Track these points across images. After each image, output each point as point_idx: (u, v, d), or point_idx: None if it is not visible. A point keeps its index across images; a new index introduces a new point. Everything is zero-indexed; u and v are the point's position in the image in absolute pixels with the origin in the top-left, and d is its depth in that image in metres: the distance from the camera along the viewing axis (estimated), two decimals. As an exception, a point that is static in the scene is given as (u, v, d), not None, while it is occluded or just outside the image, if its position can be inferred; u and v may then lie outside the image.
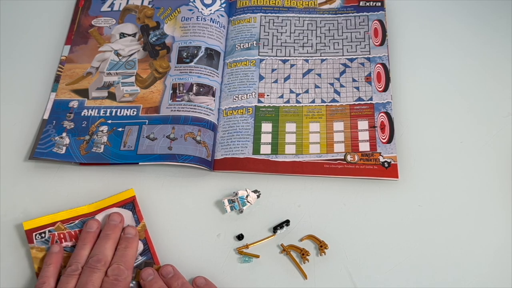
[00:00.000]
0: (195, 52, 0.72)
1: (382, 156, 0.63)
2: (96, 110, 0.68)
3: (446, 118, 0.68)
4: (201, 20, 0.75)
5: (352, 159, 0.64)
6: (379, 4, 0.75)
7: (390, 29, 0.74)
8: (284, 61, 0.72)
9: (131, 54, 0.73)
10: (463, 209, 0.61)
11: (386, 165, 0.63)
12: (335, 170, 0.63)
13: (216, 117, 0.68)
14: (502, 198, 0.62)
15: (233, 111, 0.68)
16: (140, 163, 0.64)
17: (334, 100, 0.68)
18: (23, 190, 0.64)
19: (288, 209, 0.61)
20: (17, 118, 0.69)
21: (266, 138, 0.66)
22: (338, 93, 0.69)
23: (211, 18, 0.75)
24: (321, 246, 0.58)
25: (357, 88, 0.69)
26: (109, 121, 0.67)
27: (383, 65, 0.70)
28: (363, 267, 0.57)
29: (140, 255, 0.58)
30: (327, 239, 0.59)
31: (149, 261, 0.58)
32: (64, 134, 0.66)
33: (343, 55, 0.72)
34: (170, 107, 0.68)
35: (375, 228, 0.60)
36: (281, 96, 0.69)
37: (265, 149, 0.65)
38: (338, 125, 0.66)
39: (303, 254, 0.58)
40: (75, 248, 0.57)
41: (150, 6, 0.77)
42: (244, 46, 0.73)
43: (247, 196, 0.61)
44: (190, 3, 0.77)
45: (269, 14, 0.76)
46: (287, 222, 0.60)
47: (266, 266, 0.58)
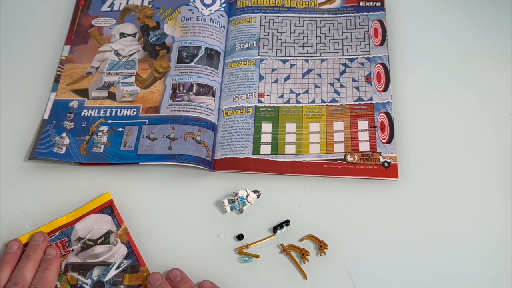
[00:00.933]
0: (195, 52, 0.72)
1: (382, 156, 0.63)
2: (96, 110, 0.68)
3: (446, 118, 0.68)
4: (201, 20, 0.75)
5: (352, 159, 0.64)
6: (379, 4, 0.75)
7: (390, 29, 0.74)
8: (284, 61, 0.72)
9: (131, 54, 0.73)
10: (463, 209, 0.61)
11: (386, 165, 0.63)
12: (335, 170, 0.63)
13: (216, 117, 0.68)
14: (502, 197, 0.62)
15: (233, 111, 0.68)
16: (140, 163, 0.64)
17: (334, 100, 0.68)
18: (23, 190, 0.64)
19: (288, 209, 0.61)
20: (17, 118, 0.69)
21: (266, 138, 0.66)
22: (338, 93, 0.69)
23: (211, 18, 0.75)
24: (321, 246, 0.58)
25: (357, 88, 0.69)
26: (109, 121, 0.67)
27: (383, 65, 0.70)
28: (363, 267, 0.57)
29: (125, 258, 0.58)
30: (327, 239, 0.59)
31: (134, 263, 0.57)
32: (64, 134, 0.66)
33: (343, 55, 0.72)
34: (170, 107, 0.68)
35: (375, 228, 0.60)
36: (281, 96, 0.69)
37: (265, 149, 0.65)
38: (338, 125, 0.66)
39: (303, 254, 0.58)
40: None
41: (150, 6, 0.77)
42: (244, 46, 0.73)
43: (247, 196, 0.61)
44: (190, 3, 0.77)
45: (269, 14, 0.76)
46: (287, 222, 0.60)
47: (266, 266, 0.58)
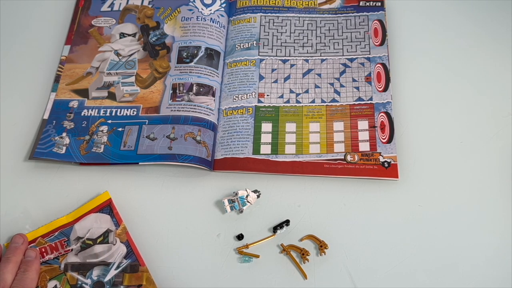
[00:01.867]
0: (195, 52, 0.72)
1: (382, 156, 0.63)
2: (96, 110, 0.68)
3: (446, 118, 0.68)
4: (201, 20, 0.75)
5: (352, 159, 0.64)
6: (379, 4, 0.75)
7: (390, 29, 0.74)
8: (284, 61, 0.72)
9: (131, 54, 0.73)
10: (463, 209, 0.61)
11: (386, 165, 0.63)
12: (335, 170, 0.63)
13: (216, 117, 0.68)
14: (502, 197, 0.62)
15: (233, 111, 0.68)
16: (140, 163, 0.64)
17: (334, 100, 0.68)
18: (23, 190, 0.64)
19: (288, 209, 0.61)
20: (17, 118, 0.69)
21: (266, 138, 0.66)
22: (338, 93, 0.69)
23: (211, 18, 0.75)
24: (321, 246, 0.58)
25: (357, 88, 0.69)
26: (109, 121, 0.67)
27: (383, 65, 0.70)
28: (363, 267, 0.57)
29: (125, 258, 0.58)
30: (327, 239, 0.59)
31: (134, 263, 0.57)
32: (64, 134, 0.66)
33: (343, 55, 0.72)
34: (170, 107, 0.68)
35: (375, 228, 0.60)
36: (281, 96, 0.69)
37: (265, 149, 0.65)
38: (338, 125, 0.66)
39: (303, 254, 0.58)
40: None
41: (150, 6, 0.77)
42: (244, 46, 0.73)
43: (247, 196, 0.61)
44: (190, 3, 0.77)
45: (269, 14, 0.76)
46: (287, 222, 0.60)
47: (266, 266, 0.58)
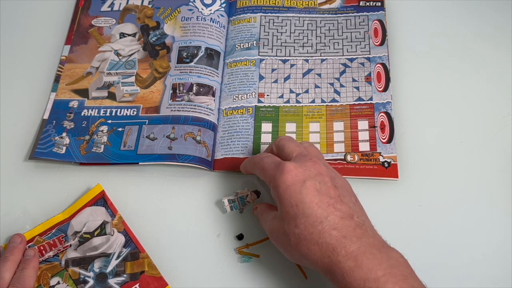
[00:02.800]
0: (195, 52, 0.72)
1: (382, 156, 0.63)
2: (96, 110, 0.68)
3: (446, 118, 0.68)
4: (201, 20, 0.75)
5: (352, 159, 0.64)
6: (379, 4, 0.75)
7: (390, 29, 0.74)
8: (284, 61, 0.72)
9: (131, 54, 0.73)
10: (463, 209, 0.61)
11: (386, 165, 0.63)
12: (335, 170, 0.63)
13: (216, 117, 0.68)
14: (502, 198, 0.62)
15: (233, 111, 0.68)
16: (140, 163, 0.64)
17: (334, 100, 0.68)
18: (23, 190, 0.64)
19: (288, 209, 0.61)
20: (17, 118, 0.69)
21: (266, 138, 0.66)
22: (338, 93, 0.69)
23: (211, 18, 0.75)
24: (321, 246, 0.58)
25: (357, 88, 0.69)
26: (109, 121, 0.67)
27: (383, 65, 0.70)
28: (363, 267, 0.57)
29: (124, 247, 0.58)
30: (327, 239, 0.59)
31: (134, 251, 0.58)
32: (64, 134, 0.66)
33: (343, 55, 0.72)
34: (170, 107, 0.68)
35: (375, 227, 0.60)
36: (281, 96, 0.69)
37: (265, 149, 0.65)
38: (338, 125, 0.66)
39: (303, 254, 0.58)
40: None
41: (150, 6, 0.77)
42: (244, 46, 0.73)
43: (247, 196, 0.61)
44: (190, 3, 0.77)
45: (269, 14, 0.76)
46: (287, 222, 0.60)
47: (266, 266, 0.58)
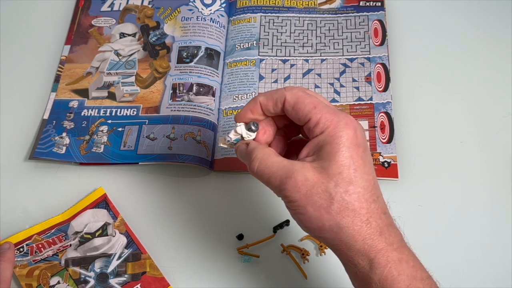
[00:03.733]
0: (195, 52, 0.72)
1: (382, 156, 0.63)
2: (96, 110, 0.68)
3: (446, 118, 0.68)
4: (201, 20, 0.75)
5: (352, 159, 0.64)
6: (379, 4, 0.75)
7: (390, 29, 0.74)
8: (284, 61, 0.72)
9: (131, 54, 0.73)
10: (463, 209, 0.61)
11: (386, 165, 0.63)
12: (335, 170, 0.63)
13: (216, 117, 0.68)
14: (502, 198, 0.62)
15: (233, 111, 0.68)
16: (140, 163, 0.64)
17: (334, 100, 0.68)
18: (23, 190, 0.64)
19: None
20: (17, 118, 0.69)
21: (266, 138, 0.66)
22: (338, 93, 0.69)
23: (211, 18, 0.75)
24: (321, 246, 0.58)
25: (357, 88, 0.69)
26: (109, 121, 0.67)
27: (383, 65, 0.70)
28: (363, 267, 0.57)
29: (126, 248, 0.58)
30: (327, 239, 0.59)
31: (135, 252, 0.58)
32: (64, 134, 0.66)
33: (343, 55, 0.72)
34: (170, 107, 0.68)
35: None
36: (281, 96, 0.69)
37: (265, 149, 0.65)
38: (338, 125, 0.66)
39: (303, 254, 0.58)
40: None
41: (150, 6, 0.77)
42: (244, 46, 0.73)
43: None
44: (190, 3, 0.77)
45: (269, 14, 0.76)
46: (287, 222, 0.60)
47: (266, 266, 0.58)
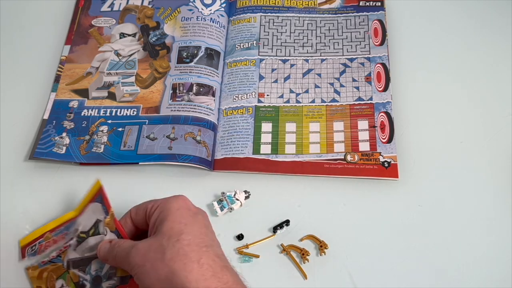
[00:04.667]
0: (195, 52, 0.72)
1: (382, 156, 0.63)
2: (96, 110, 0.68)
3: (446, 118, 0.68)
4: (201, 20, 0.75)
5: (352, 159, 0.64)
6: (379, 4, 0.75)
7: (390, 29, 0.74)
8: (284, 61, 0.72)
9: (131, 54, 0.73)
10: (463, 209, 0.61)
11: (386, 165, 0.63)
12: (335, 170, 0.63)
13: (216, 117, 0.68)
14: (502, 198, 0.62)
15: (233, 111, 0.68)
16: (140, 163, 0.64)
17: (334, 100, 0.68)
18: (23, 190, 0.64)
19: (288, 209, 0.61)
20: (17, 118, 0.69)
21: (266, 138, 0.66)
22: (338, 93, 0.69)
23: (211, 18, 0.75)
24: (321, 246, 0.58)
25: (357, 88, 0.69)
26: (109, 121, 0.67)
27: (383, 65, 0.70)
28: (363, 267, 0.57)
29: None
30: (327, 239, 0.59)
31: None
32: (64, 134, 0.66)
33: (343, 55, 0.72)
34: (170, 107, 0.68)
35: (375, 228, 0.60)
36: (281, 96, 0.69)
37: (265, 149, 0.65)
38: (338, 125, 0.66)
39: (303, 254, 0.58)
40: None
41: (150, 6, 0.77)
42: (244, 46, 0.73)
43: (234, 194, 0.61)
44: (190, 3, 0.77)
45: (269, 14, 0.76)
46: (287, 222, 0.60)
47: (266, 266, 0.58)
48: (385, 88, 0.68)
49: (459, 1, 0.77)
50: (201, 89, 0.69)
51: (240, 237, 0.59)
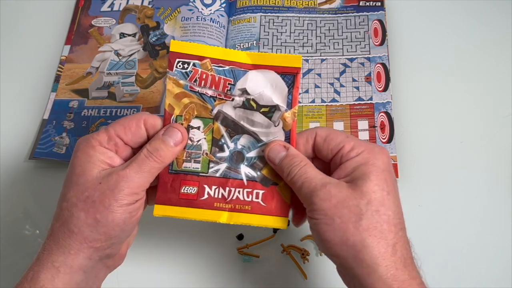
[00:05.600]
0: (195, 52, 0.72)
1: (382, 156, 0.63)
2: (96, 110, 0.68)
3: (446, 118, 0.68)
4: (201, 20, 0.75)
5: (352, 159, 0.64)
6: (379, 4, 0.75)
7: (390, 29, 0.74)
8: (284, 61, 0.72)
9: (131, 54, 0.73)
10: (463, 209, 0.61)
11: (386, 165, 0.63)
12: (335, 170, 0.63)
13: (216, 117, 0.68)
14: (502, 198, 0.62)
15: (233, 111, 0.68)
16: (140, 163, 0.64)
17: (334, 100, 0.68)
18: (23, 190, 0.64)
19: (288, 209, 0.61)
20: (17, 118, 0.69)
21: (266, 138, 0.66)
22: (338, 93, 0.69)
23: (211, 18, 0.75)
24: (321, 246, 0.58)
25: (357, 88, 0.69)
26: (109, 121, 0.67)
27: (383, 65, 0.70)
28: (363, 267, 0.57)
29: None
30: (327, 239, 0.59)
31: None
32: (64, 134, 0.66)
33: (343, 55, 0.72)
34: (170, 107, 0.68)
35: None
36: (281, 96, 0.69)
37: (265, 149, 0.65)
38: (338, 125, 0.66)
39: (303, 254, 0.58)
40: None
41: (150, 6, 0.77)
42: (244, 46, 0.73)
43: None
44: (190, 3, 0.77)
45: (269, 14, 0.76)
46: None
47: (266, 266, 0.58)
48: (385, 88, 0.68)
49: (459, 1, 0.77)
50: (201, 89, 0.69)
51: (240, 237, 0.59)
